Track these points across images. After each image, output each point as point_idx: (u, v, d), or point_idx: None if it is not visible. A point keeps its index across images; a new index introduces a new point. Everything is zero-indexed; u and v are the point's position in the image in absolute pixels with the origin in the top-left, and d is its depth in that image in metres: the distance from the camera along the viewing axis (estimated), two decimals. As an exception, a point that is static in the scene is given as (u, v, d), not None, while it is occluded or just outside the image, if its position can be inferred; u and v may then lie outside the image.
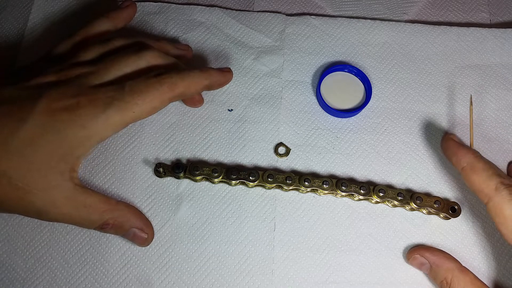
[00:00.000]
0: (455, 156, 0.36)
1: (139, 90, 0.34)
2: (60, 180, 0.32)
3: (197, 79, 0.37)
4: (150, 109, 0.34)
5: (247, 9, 0.47)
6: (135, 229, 0.36)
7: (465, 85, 0.44)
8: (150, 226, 0.38)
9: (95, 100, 0.33)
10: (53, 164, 0.32)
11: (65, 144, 0.32)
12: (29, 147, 0.31)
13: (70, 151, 0.32)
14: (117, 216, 0.35)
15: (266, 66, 0.44)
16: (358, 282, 0.37)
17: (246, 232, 0.38)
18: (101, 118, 0.32)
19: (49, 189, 0.32)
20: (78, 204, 0.33)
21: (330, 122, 0.42)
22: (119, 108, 0.33)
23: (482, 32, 0.46)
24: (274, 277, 0.37)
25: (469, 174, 0.35)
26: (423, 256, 0.36)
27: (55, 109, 0.32)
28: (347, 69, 0.43)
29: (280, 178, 0.39)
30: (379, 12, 0.47)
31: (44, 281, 0.37)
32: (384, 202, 0.39)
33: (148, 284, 0.37)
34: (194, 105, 0.42)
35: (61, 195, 0.32)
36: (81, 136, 0.32)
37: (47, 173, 0.31)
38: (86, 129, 0.32)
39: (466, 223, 0.39)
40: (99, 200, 0.34)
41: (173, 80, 0.35)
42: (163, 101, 0.35)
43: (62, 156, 0.32)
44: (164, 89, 0.34)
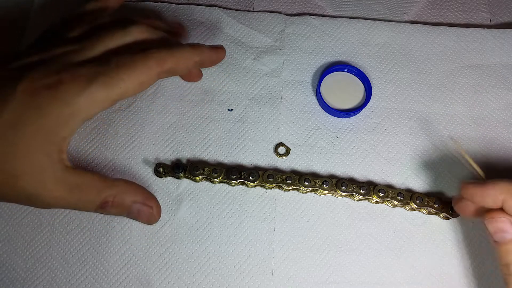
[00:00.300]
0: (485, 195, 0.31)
1: (125, 65, 0.32)
2: (48, 162, 0.31)
3: (187, 55, 0.35)
4: (137, 84, 0.33)
5: (247, 9, 0.47)
6: (138, 204, 0.34)
7: (465, 85, 0.44)
8: (154, 199, 0.36)
9: (78, 76, 0.31)
10: (39, 146, 0.30)
11: (48, 122, 0.30)
12: (12, 129, 0.30)
13: (54, 130, 0.31)
14: (116, 192, 0.33)
15: (266, 66, 0.44)
16: (358, 282, 0.37)
17: (246, 232, 0.38)
18: (85, 94, 0.31)
19: (37, 173, 0.30)
20: (70, 185, 0.32)
21: (330, 122, 0.42)
22: (104, 83, 0.32)
23: (482, 32, 0.46)
24: (274, 277, 0.37)
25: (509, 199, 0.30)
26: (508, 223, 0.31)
27: (37, 88, 0.30)
28: (347, 69, 0.43)
29: (280, 178, 0.39)
30: (379, 12, 0.47)
31: (44, 281, 0.37)
32: (384, 202, 0.39)
33: (148, 284, 0.37)
34: (192, 79, 0.41)
35: (51, 178, 0.31)
36: (64, 114, 0.31)
37: (34, 155, 0.30)
38: (69, 106, 0.31)
39: (466, 223, 0.39)
40: (94, 179, 0.33)
41: (162, 55, 0.34)
42: (151, 76, 0.34)
43: (46, 136, 0.30)
44: (152, 64, 0.33)
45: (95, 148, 0.40)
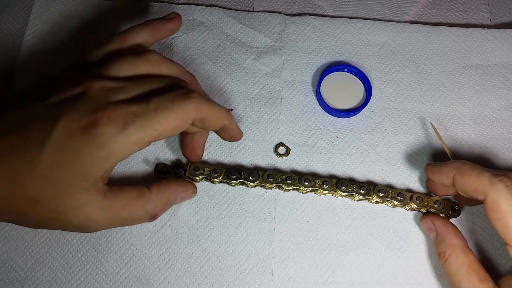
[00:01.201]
0: (440, 173, 0.36)
1: (164, 107, 0.31)
2: (88, 196, 0.31)
3: (221, 114, 0.35)
4: (173, 128, 0.32)
5: (247, 9, 0.47)
6: (179, 196, 0.37)
7: (465, 85, 0.44)
8: (188, 183, 0.38)
9: (115, 117, 0.31)
10: (77, 184, 0.31)
11: (84, 165, 0.31)
12: (51, 170, 0.30)
13: (90, 171, 0.31)
14: (157, 200, 0.34)
15: (266, 66, 0.44)
16: (358, 282, 0.37)
17: (246, 232, 0.38)
18: (121, 137, 0.30)
19: (80, 207, 0.31)
20: (114, 209, 0.32)
21: (330, 122, 0.42)
22: (140, 126, 0.31)
23: (482, 32, 0.46)
24: (274, 277, 0.37)
25: (460, 178, 0.34)
26: (433, 222, 0.37)
27: (73, 130, 0.30)
28: (347, 69, 0.43)
29: (280, 178, 0.39)
30: (379, 12, 0.47)
31: (44, 281, 0.37)
32: (384, 202, 0.39)
33: (148, 284, 0.37)
34: (191, 158, 0.40)
35: (94, 209, 0.31)
36: (99, 157, 0.31)
37: (74, 193, 0.31)
38: (104, 150, 0.30)
39: (466, 223, 0.39)
40: (133, 196, 0.33)
41: (201, 102, 0.33)
42: (187, 120, 0.32)
43: (83, 176, 0.31)
44: (190, 108, 0.32)
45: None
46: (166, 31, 0.39)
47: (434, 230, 0.37)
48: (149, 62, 0.34)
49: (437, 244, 0.36)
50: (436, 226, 0.37)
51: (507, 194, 0.32)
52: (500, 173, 0.33)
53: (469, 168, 0.34)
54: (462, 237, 0.36)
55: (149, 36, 0.37)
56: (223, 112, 0.35)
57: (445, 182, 0.36)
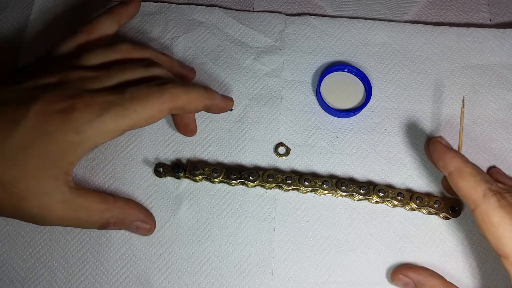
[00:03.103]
0: (442, 160, 0.35)
1: (139, 97, 0.32)
2: (55, 185, 0.31)
3: (199, 96, 0.36)
4: (148, 117, 0.33)
5: (247, 9, 0.47)
6: (137, 222, 0.36)
7: (465, 85, 0.44)
8: (151, 217, 0.38)
9: (91, 104, 0.31)
10: (46, 169, 0.31)
11: (56, 148, 0.31)
12: (22, 152, 0.30)
13: (62, 155, 0.31)
14: (117, 213, 0.35)
15: (266, 66, 0.44)
16: (358, 282, 0.37)
17: (246, 232, 0.38)
18: (96, 124, 0.31)
19: (43, 195, 0.31)
20: (75, 207, 0.32)
21: (330, 122, 0.42)
22: (116, 114, 0.32)
23: (482, 32, 0.46)
24: (274, 277, 0.37)
25: (456, 179, 0.34)
26: (406, 275, 0.36)
27: (49, 112, 0.31)
28: (347, 69, 0.43)
29: (280, 178, 0.39)
30: (379, 12, 0.47)
31: (44, 281, 0.37)
32: (384, 202, 0.39)
33: (148, 284, 0.37)
34: (186, 134, 0.41)
35: (56, 200, 0.31)
36: (73, 141, 0.31)
37: (41, 178, 0.31)
38: (79, 134, 0.31)
39: (466, 223, 0.39)
40: (97, 200, 0.34)
41: (176, 91, 0.34)
42: (162, 110, 0.34)
43: (54, 161, 0.31)
44: (166, 99, 0.33)
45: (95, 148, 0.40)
46: (128, 14, 0.40)
47: (410, 282, 0.36)
48: (121, 52, 0.36)
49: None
50: (411, 277, 0.36)
51: (497, 208, 0.31)
52: (497, 189, 0.32)
53: (469, 173, 0.34)
54: (438, 275, 0.36)
55: (113, 22, 0.39)
56: (201, 94, 0.36)
57: (439, 167, 0.36)
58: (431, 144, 0.37)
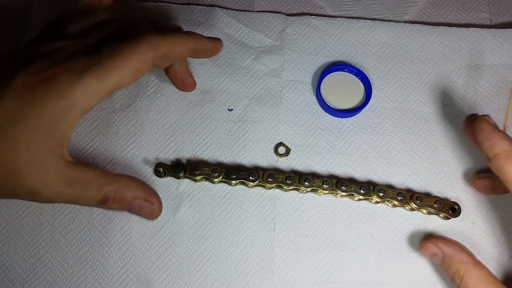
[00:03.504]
0: (489, 141, 0.32)
1: (117, 52, 0.32)
2: (50, 157, 0.30)
3: (182, 40, 0.35)
4: (132, 71, 0.32)
5: (247, 9, 0.47)
6: (139, 200, 0.34)
7: (465, 85, 0.44)
8: (155, 195, 0.36)
9: (71, 68, 0.31)
10: (39, 140, 0.30)
11: (46, 116, 0.30)
12: (11, 125, 0.29)
13: (53, 124, 0.30)
14: (116, 188, 0.33)
15: (266, 66, 0.44)
16: (358, 282, 0.37)
17: (246, 232, 0.38)
18: (79, 86, 0.30)
19: (39, 168, 0.30)
20: (72, 180, 0.31)
21: (330, 122, 0.42)
22: (97, 73, 0.31)
23: (482, 32, 0.46)
24: (274, 277, 0.37)
25: (503, 162, 0.31)
26: (437, 246, 0.35)
27: (31, 82, 0.30)
28: (347, 69, 0.43)
29: (280, 178, 0.39)
30: (379, 12, 0.47)
31: (44, 281, 0.37)
32: (384, 202, 0.39)
33: (148, 284, 0.37)
34: (186, 88, 0.40)
35: (52, 173, 0.31)
36: (61, 107, 0.30)
37: (35, 150, 0.30)
38: (65, 99, 0.30)
39: (466, 223, 0.39)
40: (95, 174, 0.33)
41: (154, 39, 0.33)
42: (145, 62, 0.32)
43: (46, 131, 0.30)
44: (145, 49, 0.32)
45: (95, 148, 0.40)
46: None
47: (439, 253, 0.35)
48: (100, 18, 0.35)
49: (448, 266, 0.35)
50: (441, 248, 0.35)
51: None
52: None
53: None
54: (468, 251, 0.35)
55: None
56: (182, 37, 0.35)
57: (483, 148, 0.33)
58: (477, 122, 0.34)
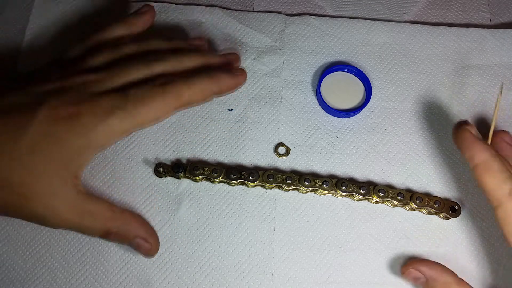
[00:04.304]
0: (469, 151, 0.33)
1: (142, 99, 0.33)
2: (62, 187, 0.32)
3: (204, 86, 0.36)
4: (153, 118, 0.34)
5: (247, 9, 0.47)
6: (139, 239, 0.35)
7: (465, 85, 0.44)
8: (154, 236, 0.37)
9: (96, 109, 0.32)
10: (55, 171, 0.31)
11: (65, 151, 0.31)
12: (30, 155, 0.31)
13: (71, 158, 0.32)
14: (120, 224, 0.34)
15: (266, 66, 0.44)
16: (358, 282, 0.37)
17: (246, 232, 0.38)
18: (102, 127, 0.32)
19: (51, 196, 0.31)
20: (81, 211, 0.33)
21: (330, 122, 0.42)
22: (120, 117, 0.32)
23: (482, 32, 0.46)
24: (274, 277, 0.37)
25: (482, 173, 0.32)
26: (418, 270, 0.35)
27: (56, 117, 0.31)
28: (347, 69, 0.43)
29: (280, 178, 0.39)
30: (379, 12, 0.47)
31: (44, 281, 0.37)
32: (384, 202, 0.39)
33: (148, 284, 0.37)
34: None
35: (63, 202, 0.32)
36: (81, 145, 0.32)
37: (49, 180, 0.31)
38: (86, 138, 0.32)
39: (466, 223, 0.39)
40: (103, 208, 0.34)
41: (179, 89, 0.34)
42: (167, 111, 0.34)
43: (63, 163, 0.31)
44: (169, 99, 0.34)
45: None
46: (141, 25, 0.40)
47: (421, 276, 0.35)
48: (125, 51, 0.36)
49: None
50: (423, 272, 0.35)
51: None
52: None
53: (497, 169, 0.31)
54: (450, 271, 0.35)
55: (126, 30, 0.38)
56: (205, 84, 0.35)
57: (465, 158, 0.33)
58: (458, 131, 0.34)
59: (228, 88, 0.38)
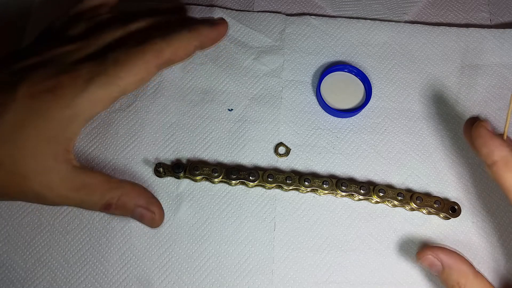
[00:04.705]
0: (486, 147, 0.31)
1: (121, 61, 0.32)
2: (54, 161, 0.31)
3: (185, 41, 0.35)
4: (136, 80, 0.33)
5: (247, 9, 0.47)
6: (141, 208, 0.34)
7: (465, 85, 0.44)
8: (157, 204, 0.36)
9: (76, 78, 0.31)
10: (44, 147, 0.31)
11: (52, 125, 0.31)
12: (17, 133, 0.30)
13: (59, 132, 0.31)
14: (119, 194, 0.33)
15: (266, 66, 0.44)
16: (358, 282, 0.37)
17: (246, 232, 0.38)
18: (85, 95, 0.31)
19: (44, 173, 0.31)
20: (76, 185, 0.32)
21: (330, 122, 0.42)
22: (101, 83, 0.32)
23: (482, 32, 0.46)
24: (274, 277, 0.37)
25: (501, 169, 0.31)
26: (436, 256, 0.34)
27: (37, 92, 0.31)
28: (347, 69, 0.43)
29: (280, 178, 0.39)
30: (379, 12, 0.47)
31: (44, 281, 0.37)
32: (384, 202, 0.39)
33: (148, 284, 0.37)
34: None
35: (57, 177, 0.31)
36: (66, 116, 0.31)
37: (40, 157, 0.31)
38: (70, 108, 0.31)
39: (466, 223, 0.39)
40: (100, 180, 0.33)
41: (158, 46, 0.33)
42: (150, 70, 0.33)
43: (51, 138, 0.31)
44: (149, 57, 0.33)
45: (95, 148, 0.40)
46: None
47: (438, 264, 0.34)
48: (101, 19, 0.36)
49: (447, 277, 0.33)
50: (441, 259, 0.33)
51: None
52: None
53: None
54: (468, 261, 0.34)
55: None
56: (185, 38, 0.34)
57: (481, 155, 0.32)
58: (474, 128, 0.33)
59: (210, 40, 0.37)
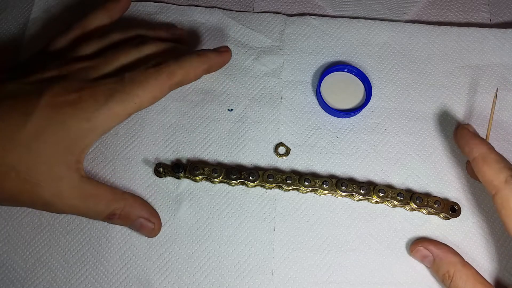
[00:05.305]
0: (468, 146, 0.36)
1: (138, 81, 0.35)
2: (67, 171, 0.33)
3: (195, 65, 0.38)
4: (150, 98, 0.35)
5: (247, 10, 0.47)
6: (141, 219, 0.36)
7: (465, 85, 0.44)
8: (157, 216, 0.38)
9: (96, 93, 0.34)
10: (59, 156, 0.32)
11: (69, 136, 0.33)
12: (35, 141, 0.32)
13: (74, 142, 0.33)
14: (123, 206, 0.36)
15: (266, 66, 0.44)
16: (358, 282, 0.37)
17: (246, 232, 0.38)
18: (103, 110, 0.33)
19: (56, 181, 0.32)
20: (84, 194, 0.34)
21: (330, 122, 0.42)
22: (120, 99, 0.34)
23: (482, 32, 0.46)
24: (274, 277, 0.37)
25: (480, 164, 0.35)
26: (426, 248, 0.37)
27: (59, 103, 0.33)
28: (347, 69, 0.43)
29: (280, 178, 0.39)
30: (379, 12, 0.47)
31: (44, 281, 0.37)
32: (384, 202, 0.39)
33: (148, 284, 0.37)
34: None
35: (67, 187, 0.33)
36: (85, 128, 0.33)
37: (54, 165, 0.32)
38: (90, 122, 0.33)
39: (466, 223, 0.39)
40: (106, 191, 0.35)
41: (171, 69, 0.36)
42: (163, 90, 0.36)
43: (67, 148, 0.33)
44: (163, 78, 0.36)
45: (95, 148, 0.40)
46: (119, 9, 0.42)
47: (429, 255, 0.36)
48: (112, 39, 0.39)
49: (437, 267, 0.36)
50: (431, 251, 0.36)
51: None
52: None
53: (493, 159, 0.34)
54: (457, 252, 0.37)
55: (106, 17, 0.40)
56: (195, 62, 0.38)
57: (464, 153, 0.37)
58: (458, 130, 0.39)
59: (216, 65, 0.41)
